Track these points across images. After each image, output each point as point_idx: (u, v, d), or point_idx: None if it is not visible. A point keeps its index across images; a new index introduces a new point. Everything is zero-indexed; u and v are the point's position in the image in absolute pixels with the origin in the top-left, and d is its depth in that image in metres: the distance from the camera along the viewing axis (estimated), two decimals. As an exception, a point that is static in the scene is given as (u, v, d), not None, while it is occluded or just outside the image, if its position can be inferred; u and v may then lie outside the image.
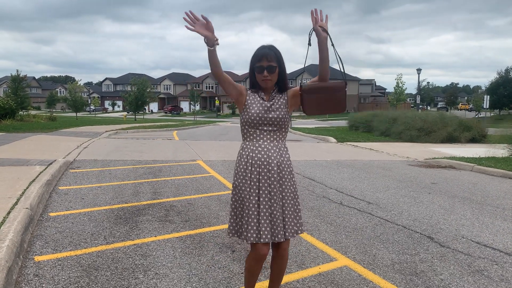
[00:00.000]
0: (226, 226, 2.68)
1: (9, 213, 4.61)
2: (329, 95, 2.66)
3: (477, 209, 6.13)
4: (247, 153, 2.72)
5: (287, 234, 2.69)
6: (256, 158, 2.68)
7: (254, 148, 2.70)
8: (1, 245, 3.56)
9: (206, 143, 16.22)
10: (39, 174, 7.13)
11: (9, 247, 3.54)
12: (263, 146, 2.69)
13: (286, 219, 2.69)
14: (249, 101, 2.72)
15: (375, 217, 5.55)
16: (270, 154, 2.68)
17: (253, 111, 2.69)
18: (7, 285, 3.07)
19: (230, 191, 2.77)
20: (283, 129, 2.75)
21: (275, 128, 2.71)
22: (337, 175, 8.84)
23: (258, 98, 2.73)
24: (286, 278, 3.53)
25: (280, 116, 2.69)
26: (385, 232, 4.91)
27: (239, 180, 2.72)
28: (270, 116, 2.68)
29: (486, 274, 3.76)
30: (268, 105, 2.70)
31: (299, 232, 2.78)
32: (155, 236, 4.53)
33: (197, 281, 3.44)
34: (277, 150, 2.71)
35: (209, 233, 4.69)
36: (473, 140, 17.69)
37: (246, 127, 2.73)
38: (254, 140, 2.72)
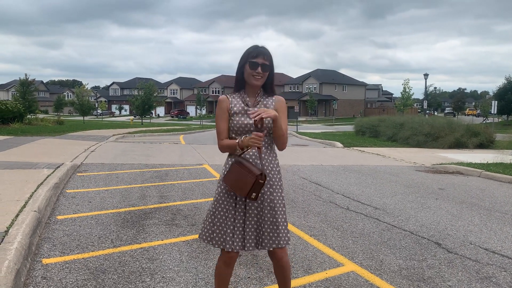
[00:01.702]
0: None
1: (17, 215, 4.64)
2: (243, 175, 2.52)
3: (485, 215, 6.08)
4: (232, 161, 2.66)
5: (276, 243, 2.63)
6: None
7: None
8: (9, 247, 3.58)
9: (212, 147, 16.24)
10: (47, 177, 7.18)
11: (18, 250, 3.57)
12: (247, 156, 2.62)
13: (276, 229, 2.63)
14: (233, 108, 2.65)
15: (382, 223, 5.52)
16: (255, 163, 2.61)
17: (237, 118, 2.63)
18: (15, 287, 3.09)
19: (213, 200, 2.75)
20: (270, 136, 2.67)
21: None
22: (344, 180, 8.82)
23: (242, 104, 2.66)
24: (293, 283, 3.51)
25: (266, 122, 2.59)
26: (392, 238, 4.88)
27: (221, 189, 2.68)
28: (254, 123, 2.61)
29: (494, 280, 3.73)
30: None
31: (283, 244, 2.66)
32: (162, 240, 4.54)
33: (204, 285, 3.45)
34: (265, 157, 2.65)
35: (216, 237, 4.69)
36: (481, 146, 17.57)
37: (232, 134, 2.66)
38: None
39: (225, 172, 2.63)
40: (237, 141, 2.57)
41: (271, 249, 2.66)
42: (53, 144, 14.15)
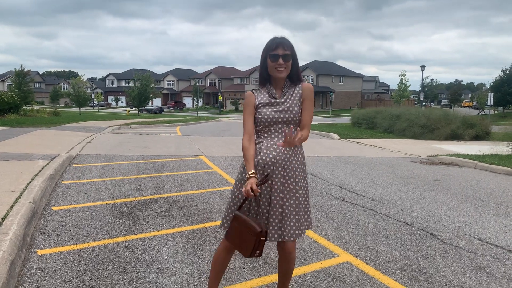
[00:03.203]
0: (228, 221, 2.67)
1: (12, 206, 4.62)
2: (245, 233, 2.48)
3: (480, 206, 6.11)
4: (258, 151, 2.64)
5: (298, 232, 2.64)
6: (264, 157, 2.60)
7: (269, 145, 2.62)
8: (4, 238, 3.57)
9: (208, 138, 16.22)
10: (42, 168, 7.15)
11: (12, 241, 3.56)
12: (275, 146, 2.62)
13: (297, 217, 2.64)
14: (260, 103, 2.65)
15: (377, 214, 5.54)
16: (284, 152, 2.60)
17: (264, 110, 2.62)
18: (10, 278, 3.08)
19: (233, 187, 2.75)
20: (296, 126, 2.66)
21: (289, 125, 2.63)
22: (340, 171, 8.83)
23: (268, 97, 2.65)
24: (288, 274, 3.53)
25: (294, 112, 2.62)
26: (388, 229, 4.90)
27: (243, 175, 2.66)
28: (282, 115, 2.61)
29: (488, 271, 3.75)
30: (280, 103, 2.63)
31: (310, 227, 2.77)
32: (158, 231, 4.54)
33: (199, 276, 3.45)
34: (288, 149, 2.62)
35: (211, 228, 4.69)
36: (477, 138, 17.64)
37: (259, 126, 2.66)
38: (269, 138, 2.64)
39: (228, 230, 2.65)
40: (249, 172, 2.51)
41: (301, 236, 2.70)
42: (49, 135, 14.09)
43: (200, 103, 73.67)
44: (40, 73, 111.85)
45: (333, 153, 12.21)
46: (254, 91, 2.71)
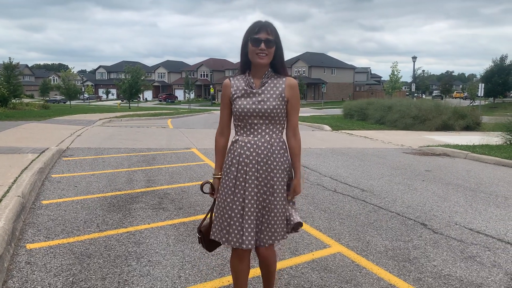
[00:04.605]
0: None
1: (0, 201, 4.56)
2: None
3: (470, 196, 6.15)
4: (234, 149, 2.45)
5: (273, 238, 2.47)
6: (244, 156, 2.39)
7: (243, 144, 2.40)
8: (-8, 233, 3.52)
9: (200, 131, 16.16)
10: (31, 162, 7.06)
11: (0, 235, 3.51)
12: (252, 142, 2.39)
13: (273, 224, 2.45)
14: (235, 92, 2.42)
15: (369, 204, 5.56)
16: (259, 152, 2.38)
17: (239, 102, 2.39)
18: (-2, 273, 3.04)
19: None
20: (277, 122, 2.41)
21: (266, 121, 2.38)
22: (332, 162, 8.84)
23: (245, 87, 2.40)
24: (280, 265, 3.52)
25: (271, 107, 2.36)
26: (379, 219, 4.92)
27: (224, 181, 2.47)
28: (257, 108, 2.36)
29: (478, 260, 3.78)
30: (257, 94, 2.38)
31: (285, 237, 2.55)
32: (149, 224, 4.51)
33: (190, 268, 3.44)
34: (268, 146, 2.39)
35: (203, 220, 4.67)
36: (468, 128, 17.76)
37: (235, 120, 2.45)
38: (245, 134, 2.42)
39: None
40: (213, 173, 2.60)
41: (277, 242, 2.52)
42: (38, 128, 13.94)
43: (192, 96, 73.28)
44: (29, 66, 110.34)
45: (325, 144, 12.22)
46: (231, 79, 2.47)
